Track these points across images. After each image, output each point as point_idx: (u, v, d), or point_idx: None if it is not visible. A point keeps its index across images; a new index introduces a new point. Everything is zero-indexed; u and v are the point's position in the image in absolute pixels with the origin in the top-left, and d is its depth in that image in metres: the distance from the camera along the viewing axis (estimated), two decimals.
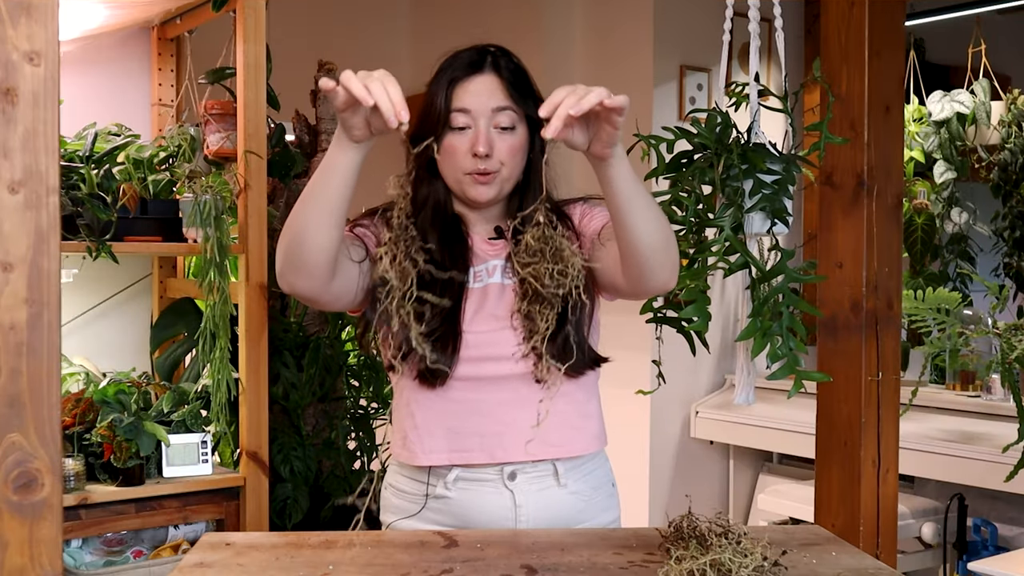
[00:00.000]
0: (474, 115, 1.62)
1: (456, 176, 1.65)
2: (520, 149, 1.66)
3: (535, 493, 1.66)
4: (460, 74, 1.64)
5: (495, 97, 1.63)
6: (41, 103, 1.07)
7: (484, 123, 1.63)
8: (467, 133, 1.62)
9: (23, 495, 1.07)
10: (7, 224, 1.06)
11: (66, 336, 2.93)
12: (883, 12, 2.01)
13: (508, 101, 1.64)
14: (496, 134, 1.63)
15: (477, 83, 1.64)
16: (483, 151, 1.61)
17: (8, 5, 1.05)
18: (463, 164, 1.63)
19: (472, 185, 1.64)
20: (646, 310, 1.59)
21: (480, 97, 1.63)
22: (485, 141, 1.61)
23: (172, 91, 3.13)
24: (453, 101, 1.63)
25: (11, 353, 1.06)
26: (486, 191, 1.64)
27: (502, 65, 1.66)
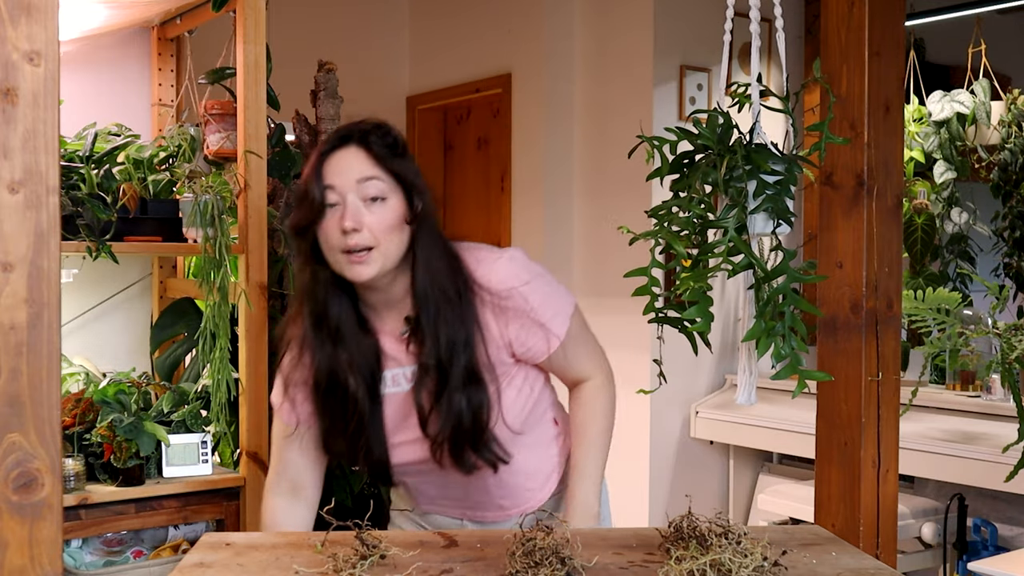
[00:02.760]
0: (340, 190, 1.58)
1: (334, 258, 1.60)
2: (394, 221, 1.59)
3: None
4: (327, 149, 1.61)
5: (359, 168, 1.59)
6: (41, 103, 1.07)
7: (351, 197, 1.58)
8: (337, 210, 1.58)
9: (23, 495, 1.07)
10: (7, 224, 1.06)
11: (66, 336, 2.93)
12: (883, 12, 2.01)
13: (374, 170, 1.59)
14: (365, 207, 1.58)
15: (340, 157, 1.60)
16: (349, 226, 1.56)
17: (8, 5, 1.05)
18: (336, 243, 1.58)
19: (348, 265, 1.58)
20: (648, 310, 1.59)
21: (343, 172, 1.59)
22: (351, 215, 1.56)
23: (172, 91, 3.13)
24: (322, 176, 1.59)
25: (11, 353, 1.06)
26: (363, 270, 1.58)
27: (370, 138, 1.62)
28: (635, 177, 3.72)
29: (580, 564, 1.35)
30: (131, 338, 3.10)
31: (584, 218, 4.09)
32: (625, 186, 3.88)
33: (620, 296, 3.80)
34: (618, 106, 3.97)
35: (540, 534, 1.36)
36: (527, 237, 4.15)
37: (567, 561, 1.33)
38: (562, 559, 1.33)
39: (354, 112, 1.95)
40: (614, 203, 3.94)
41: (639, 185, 3.75)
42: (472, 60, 4.42)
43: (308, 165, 1.63)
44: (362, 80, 4.46)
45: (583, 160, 4.12)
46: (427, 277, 1.62)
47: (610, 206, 3.95)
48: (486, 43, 4.39)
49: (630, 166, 3.13)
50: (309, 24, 4.34)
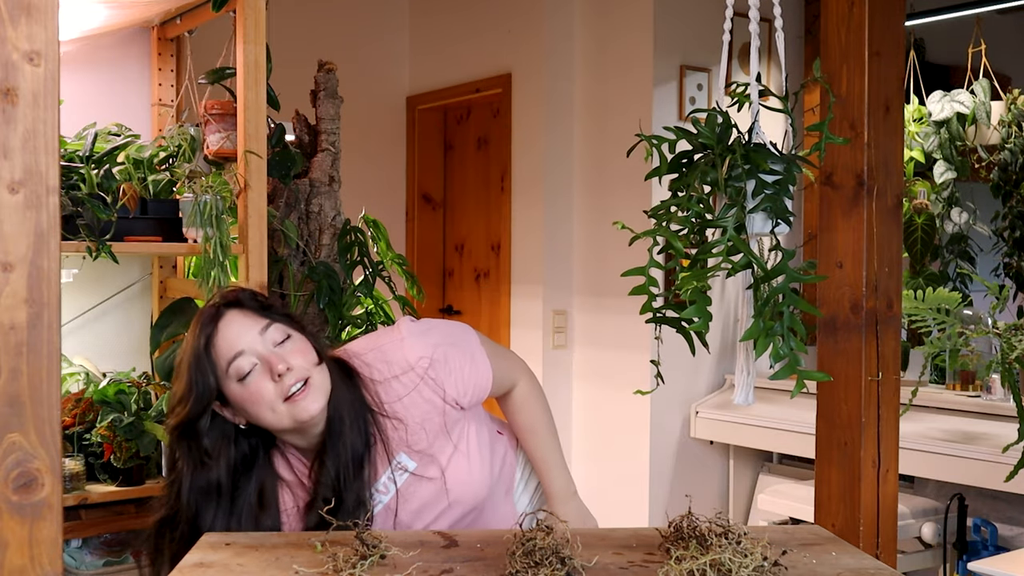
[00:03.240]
0: (249, 350, 1.59)
1: (273, 413, 1.60)
2: (308, 349, 1.63)
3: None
4: (208, 330, 1.60)
5: (252, 324, 1.61)
6: (41, 103, 1.07)
7: (263, 348, 1.60)
8: (256, 371, 1.58)
9: (23, 495, 1.07)
10: (7, 224, 1.06)
11: (66, 336, 2.93)
12: (883, 12, 2.01)
13: (266, 318, 1.62)
14: (279, 350, 1.60)
15: (227, 325, 1.60)
16: (282, 367, 1.58)
17: (8, 5, 1.05)
18: (273, 395, 1.59)
19: (295, 407, 1.59)
20: (646, 310, 1.59)
21: (242, 334, 1.59)
22: (277, 359, 1.59)
23: (172, 91, 3.13)
24: (221, 356, 1.59)
25: (11, 353, 1.06)
26: (314, 401, 1.60)
27: (237, 299, 1.64)
28: (635, 177, 3.72)
29: (580, 564, 1.36)
30: (131, 338, 3.10)
31: (584, 218, 4.09)
32: (625, 186, 3.88)
33: (619, 296, 3.80)
34: (618, 106, 3.97)
35: (540, 534, 1.36)
36: (527, 237, 4.15)
37: (567, 561, 1.33)
38: (562, 559, 1.33)
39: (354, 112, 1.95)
40: (614, 203, 3.94)
41: (639, 185, 3.75)
42: (472, 60, 4.42)
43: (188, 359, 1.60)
44: (362, 80, 4.47)
45: (583, 160, 4.12)
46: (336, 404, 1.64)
47: (610, 206, 3.95)
48: (486, 43, 4.39)
49: (630, 166, 3.13)
50: (309, 24, 4.34)
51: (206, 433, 1.61)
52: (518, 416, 1.89)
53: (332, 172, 3.03)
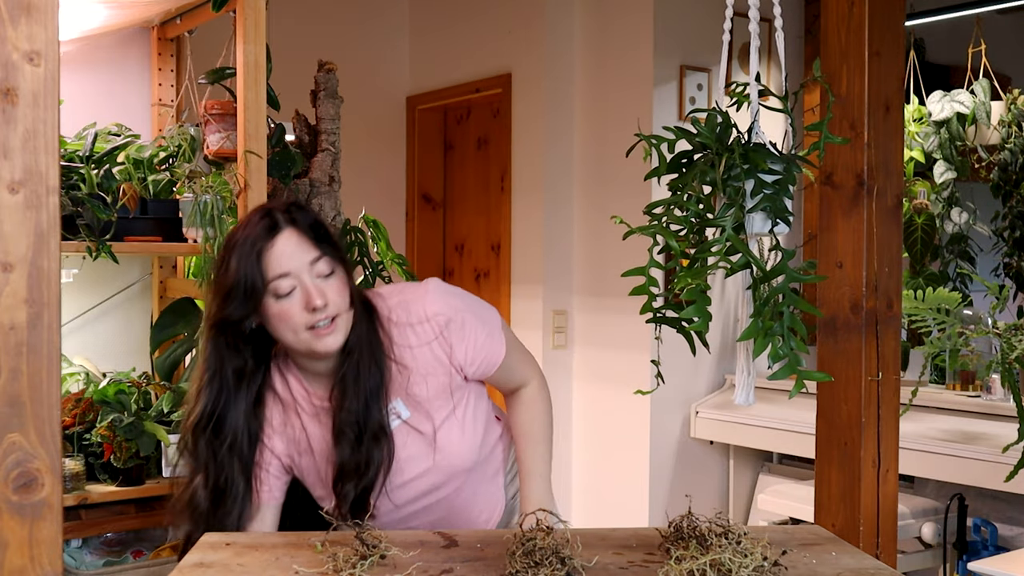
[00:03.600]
0: (295, 274, 1.63)
1: (298, 338, 1.65)
2: (345, 288, 1.68)
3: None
4: (263, 243, 1.63)
5: (307, 251, 1.64)
6: (41, 103, 1.07)
7: (307, 277, 1.63)
8: (294, 294, 1.63)
9: (23, 495, 1.07)
10: (7, 224, 1.06)
11: (66, 336, 2.93)
12: (883, 12, 2.01)
13: (318, 250, 1.65)
14: (321, 283, 1.64)
15: (281, 244, 1.63)
16: (320, 303, 1.62)
17: (8, 5, 1.05)
18: (301, 323, 1.63)
19: (316, 339, 1.64)
20: (646, 310, 1.59)
21: (294, 256, 1.63)
22: (319, 293, 1.63)
23: (172, 91, 3.13)
24: (268, 271, 1.62)
25: (11, 353, 1.06)
26: (334, 340, 1.65)
27: (296, 218, 1.66)
28: (635, 177, 3.71)
29: (580, 564, 1.36)
30: (131, 338, 3.10)
31: (584, 218, 4.09)
32: (625, 186, 3.88)
33: (619, 296, 3.80)
34: (618, 106, 3.97)
35: (540, 534, 1.36)
36: (527, 237, 4.15)
37: (567, 561, 1.33)
38: (562, 559, 1.33)
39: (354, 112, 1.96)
40: (614, 203, 3.94)
41: (639, 185, 3.75)
42: (472, 60, 4.42)
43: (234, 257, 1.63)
44: (362, 80, 4.47)
45: (583, 160, 4.12)
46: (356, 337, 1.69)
47: (610, 206, 3.95)
48: (486, 43, 4.39)
49: (630, 166, 3.13)
50: (309, 24, 4.34)
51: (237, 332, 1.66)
52: (519, 415, 1.89)
53: (332, 172, 3.03)
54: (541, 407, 1.89)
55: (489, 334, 1.80)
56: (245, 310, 1.62)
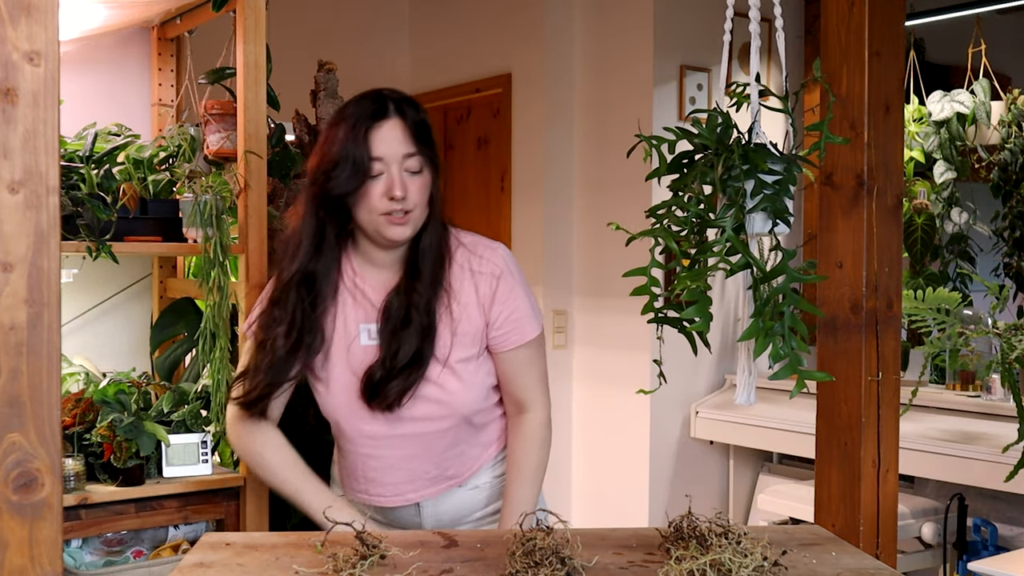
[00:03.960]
0: (387, 161, 1.72)
1: (371, 218, 1.75)
2: (426, 189, 1.78)
3: (434, 498, 1.89)
4: (369, 123, 1.71)
5: (404, 144, 1.74)
6: (41, 103, 1.07)
7: (396, 168, 1.73)
8: (380, 179, 1.72)
9: (23, 495, 1.07)
10: (7, 224, 1.06)
11: (66, 336, 2.93)
12: (883, 12, 2.01)
13: (415, 147, 1.75)
14: (407, 177, 1.74)
15: (386, 130, 1.73)
16: (400, 195, 1.72)
17: (8, 5, 1.05)
18: (378, 207, 1.73)
19: (388, 226, 1.75)
20: (647, 310, 1.59)
21: (391, 144, 1.73)
22: (401, 185, 1.73)
23: (172, 91, 3.13)
24: (371, 150, 1.72)
25: (11, 353, 1.06)
26: (402, 231, 1.76)
27: (406, 111, 1.76)
28: (635, 177, 3.72)
29: (580, 564, 1.36)
30: (131, 338, 3.10)
31: (584, 218, 4.09)
32: (625, 186, 3.88)
33: (620, 296, 3.80)
34: (618, 106, 3.97)
35: (540, 534, 1.36)
36: (527, 237, 4.15)
37: (567, 561, 1.33)
38: (562, 559, 1.33)
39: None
40: (614, 203, 3.94)
41: (639, 185, 3.75)
42: (472, 60, 4.42)
43: (341, 130, 1.73)
44: (362, 80, 4.45)
45: (583, 160, 4.12)
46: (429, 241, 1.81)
47: (610, 206, 3.95)
48: (486, 43, 4.39)
49: (630, 166, 3.13)
50: (309, 24, 4.34)
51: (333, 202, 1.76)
52: (517, 446, 1.89)
53: None
54: (539, 445, 1.89)
55: (530, 312, 1.86)
56: (351, 185, 1.72)
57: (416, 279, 1.79)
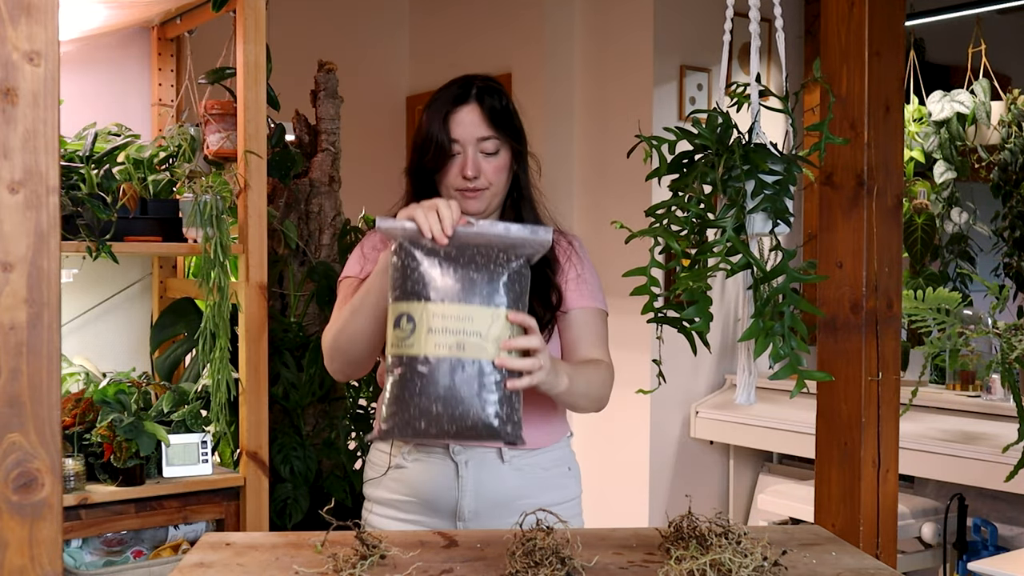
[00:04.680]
0: (462, 143, 1.85)
1: (449, 194, 1.87)
2: (504, 168, 1.89)
3: (476, 466, 1.85)
4: (449, 107, 1.87)
5: (479, 128, 1.86)
6: (41, 103, 1.07)
7: (471, 150, 1.86)
8: (457, 159, 1.86)
9: (23, 495, 1.07)
10: (7, 224, 1.06)
11: (66, 336, 2.93)
12: (883, 12, 2.01)
13: (490, 131, 1.86)
14: (482, 158, 1.86)
15: (463, 114, 1.87)
16: (471, 174, 1.84)
17: (8, 5, 1.05)
18: (454, 183, 1.87)
19: (462, 200, 1.85)
20: (647, 310, 1.59)
21: (467, 128, 1.86)
22: (473, 166, 1.85)
23: (172, 91, 3.13)
24: (450, 132, 1.86)
25: (11, 353, 1.06)
26: (475, 204, 1.86)
27: (484, 97, 1.89)
28: (635, 177, 3.72)
29: (580, 564, 1.36)
30: (131, 338, 3.10)
31: (584, 218, 4.09)
32: (625, 186, 3.88)
33: (620, 296, 3.79)
34: (618, 106, 3.97)
35: (540, 534, 1.36)
36: None
37: (567, 561, 1.34)
38: (562, 559, 1.33)
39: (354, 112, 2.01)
40: (614, 203, 3.94)
41: (639, 185, 3.75)
42: (472, 60, 4.42)
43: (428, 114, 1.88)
44: (362, 80, 4.47)
45: (583, 160, 4.12)
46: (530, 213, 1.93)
47: (610, 206, 3.95)
48: (486, 43, 4.39)
49: (630, 166, 3.13)
50: (309, 24, 4.34)
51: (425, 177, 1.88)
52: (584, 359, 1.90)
53: (332, 172, 3.03)
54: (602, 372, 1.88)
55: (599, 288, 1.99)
56: (434, 164, 1.85)
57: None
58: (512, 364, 1.49)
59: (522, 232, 1.55)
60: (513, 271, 1.52)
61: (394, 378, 1.49)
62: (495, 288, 1.50)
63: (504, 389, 1.48)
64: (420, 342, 1.47)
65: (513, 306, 1.51)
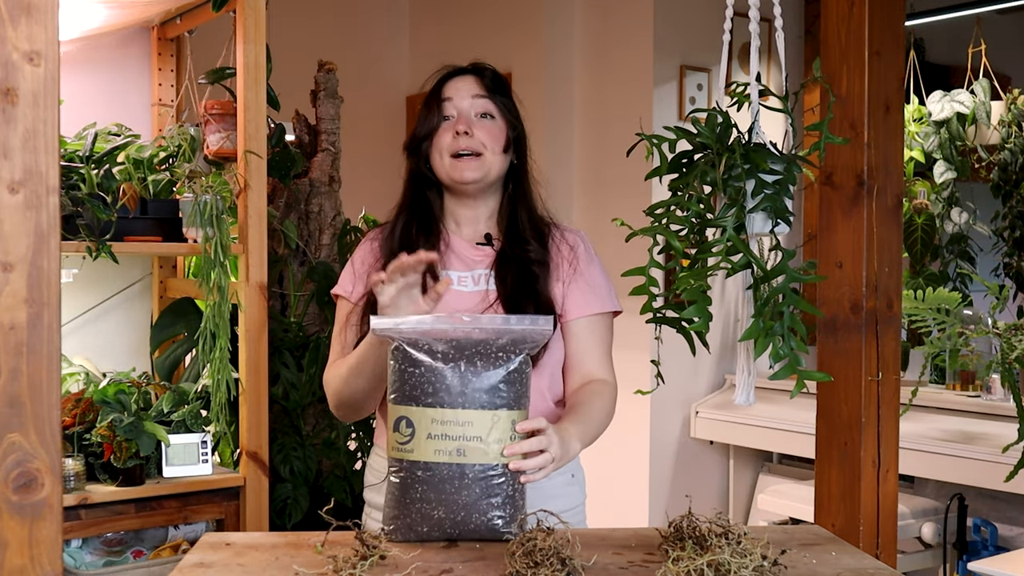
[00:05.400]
0: (456, 102, 1.83)
1: (443, 163, 1.82)
2: (500, 136, 1.83)
3: None
4: (447, 77, 1.87)
5: (473, 88, 1.84)
6: (41, 103, 1.07)
7: (466, 107, 1.83)
8: (450, 121, 1.82)
9: (23, 495, 1.07)
10: (7, 224, 1.06)
11: (66, 336, 2.93)
12: (883, 12, 2.01)
13: (486, 93, 1.83)
14: (476, 119, 1.82)
15: (459, 80, 1.86)
16: (461, 128, 1.79)
17: (8, 5, 1.05)
18: (447, 146, 1.80)
19: (455, 166, 1.80)
20: (646, 310, 1.59)
21: (460, 90, 1.84)
22: (465, 121, 1.80)
23: (172, 91, 3.13)
24: (442, 94, 1.84)
25: (11, 353, 1.06)
26: (471, 171, 1.79)
27: (485, 72, 1.87)
28: (635, 177, 3.71)
29: (580, 564, 1.36)
30: (131, 338, 3.10)
31: (584, 218, 4.09)
32: (625, 186, 3.88)
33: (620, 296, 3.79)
34: (618, 106, 3.97)
35: (540, 534, 1.36)
36: None
37: (567, 561, 1.33)
38: (562, 559, 1.33)
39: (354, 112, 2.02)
40: (614, 203, 3.94)
41: (639, 185, 3.75)
42: (472, 60, 4.42)
43: (427, 101, 1.87)
44: (362, 80, 4.47)
45: (583, 160, 4.12)
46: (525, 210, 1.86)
47: (610, 206, 3.95)
48: (486, 43, 4.39)
49: (630, 166, 3.13)
50: (309, 24, 4.34)
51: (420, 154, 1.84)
52: (583, 392, 1.77)
53: (332, 172, 3.03)
54: (606, 400, 1.78)
55: (608, 289, 1.87)
56: (428, 125, 1.82)
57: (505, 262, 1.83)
58: (524, 465, 1.47)
59: (521, 324, 1.50)
60: (513, 370, 1.48)
61: (395, 481, 1.48)
62: (495, 390, 1.47)
63: (508, 488, 1.47)
64: (419, 448, 1.46)
65: (515, 406, 1.48)
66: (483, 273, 1.83)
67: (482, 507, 1.46)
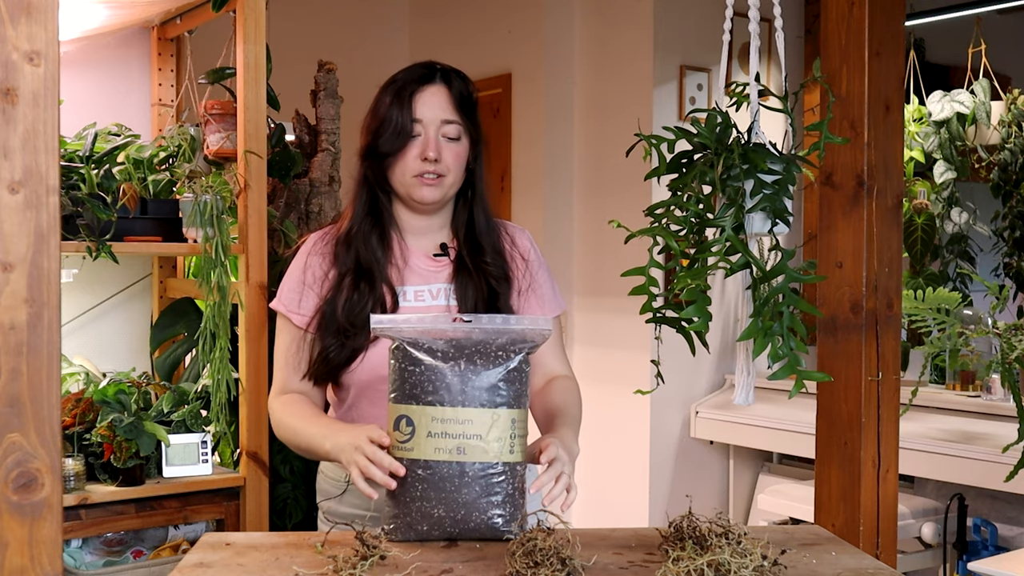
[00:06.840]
0: (425, 124, 1.78)
1: (404, 180, 1.79)
2: (463, 155, 1.82)
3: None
4: (414, 87, 1.80)
5: (445, 110, 1.79)
6: (41, 103, 1.07)
7: (433, 131, 1.78)
8: (417, 140, 1.78)
9: (23, 495, 1.07)
10: (7, 224, 1.06)
11: (66, 336, 2.93)
12: (883, 12, 2.01)
13: (456, 115, 1.80)
14: (444, 142, 1.79)
15: (428, 94, 1.79)
16: (432, 156, 1.76)
17: (8, 5, 1.05)
18: (412, 168, 1.78)
19: (418, 187, 1.78)
20: (645, 310, 1.59)
21: (432, 109, 1.79)
22: (435, 147, 1.77)
23: (172, 91, 3.13)
24: (413, 111, 1.78)
25: (11, 353, 1.06)
26: (432, 192, 1.78)
27: (452, 80, 1.83)
28: (635, 177, 3.71)
29: (580, 564, 1.36)
30: (131, 338, 3.10)
31: (584, 218, 4.09)
32: (625, 186, 3.88)
33: (619, 296, 3.80)
34: (618, 106, 3.97)
35: (540, 534, 1.36)
36: None
37: (567, 561, 1.34)
38: (562, 559, 1.33)
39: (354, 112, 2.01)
40: (614, 203, 3.94)
41: (639, 185, 3.75)
42: (472, 60, 4.42)
43: (389, 93, 1.81)
44: (362, 80, 4.45)
45: (583, 160, 4.12)
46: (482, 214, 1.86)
47: (610, 206, 3.95)
48: (486, 43, 4.39)
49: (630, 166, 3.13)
50: (309, 24, 4.34)
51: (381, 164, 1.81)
52: (555, 395, 1.80)
53: (332, 172, 3.03)
54: (576, 396, 1.83)
55: (553, 291, 1.94)
56: (394, 145, 1.77)
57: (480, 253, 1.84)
58: (556, 494, 1.52)
59: (521, 324, 1.52)
60: (512, 368, 1.49)
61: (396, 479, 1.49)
62: (495, 389, 1.48)
63: (508, 486, 1.48)
64: (420, 446, 1.47)
65: (515, 404, 1.49)
66: (442, 287, 1.82)
67: (482, 505, 1.46)
